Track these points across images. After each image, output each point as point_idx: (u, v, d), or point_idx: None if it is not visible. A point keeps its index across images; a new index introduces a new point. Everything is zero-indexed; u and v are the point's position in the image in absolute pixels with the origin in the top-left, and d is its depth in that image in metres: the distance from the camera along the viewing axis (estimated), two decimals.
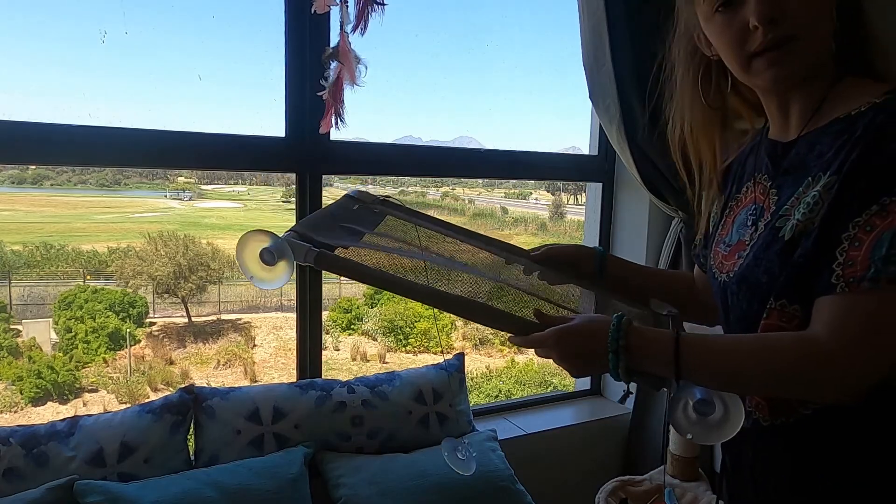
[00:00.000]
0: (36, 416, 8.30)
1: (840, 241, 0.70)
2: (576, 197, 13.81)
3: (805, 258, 0.73)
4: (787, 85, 0.79)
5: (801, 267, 0.74)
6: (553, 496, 1.91)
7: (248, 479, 1.40)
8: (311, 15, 1.48)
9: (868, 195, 0.68)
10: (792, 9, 0.73)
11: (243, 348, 10.42)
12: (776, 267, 0.77)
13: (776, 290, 0.77)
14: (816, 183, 0.75)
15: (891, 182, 0.67)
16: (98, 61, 18.58)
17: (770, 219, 0.81)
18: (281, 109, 1.60)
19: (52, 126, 1.37)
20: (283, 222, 15.42)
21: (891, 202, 0.67)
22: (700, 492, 1.75)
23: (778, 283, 0.76)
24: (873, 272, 0.66)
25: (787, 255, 0.76)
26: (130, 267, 11.22)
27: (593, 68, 1.81)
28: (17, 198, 15.52)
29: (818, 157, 0.76)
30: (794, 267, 0.74)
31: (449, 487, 1.54)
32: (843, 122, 0.75)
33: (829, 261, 0.70)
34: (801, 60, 0.76)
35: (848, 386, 0.68)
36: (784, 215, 0.78)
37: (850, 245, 0.69)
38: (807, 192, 0.76)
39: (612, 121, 1.83)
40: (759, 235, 0.82)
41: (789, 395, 0.74)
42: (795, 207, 0.77)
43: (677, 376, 0.72)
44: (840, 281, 0.69)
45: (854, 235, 0.69)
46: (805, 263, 0.73)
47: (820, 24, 0.75)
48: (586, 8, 1.77)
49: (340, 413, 1.58)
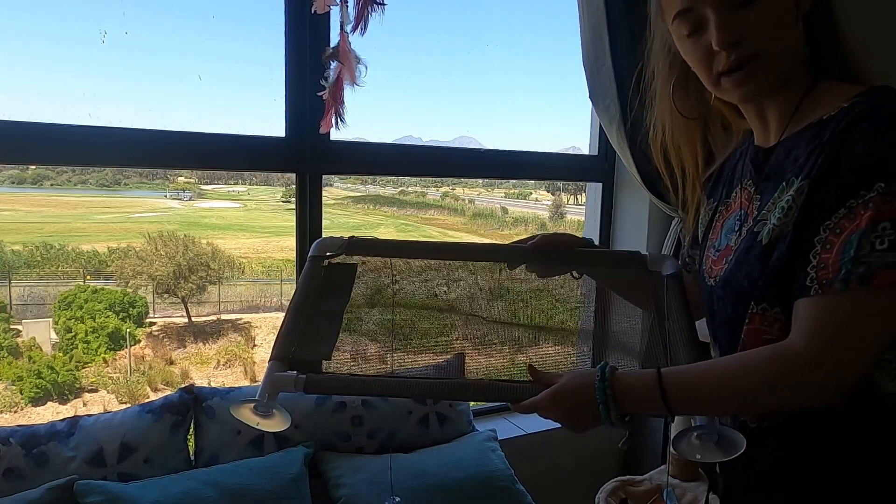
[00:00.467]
0: (36, 416, 8.30)
1: (813, 244, 0.72)
2: (576, 197, 13.80)
3: (781, 262, 0.75)
4: (757, 99, 0.82)
5: (778, 270, 0.75)
6: (553, 496, 1.91)
7: (248, 479, 1.40)
8: (311, 15, 1.48)
9: (836, 198, 0.70)
10: (751, 30, 0.75)
11: (243, 348, 10.42)
12: (756, 271, 0.79)
13: (757, 294, 0.78)
14: (790, 188, 0.77)
15: (856, 185, 0.69)
16: (98, 61, 18.58)
17: (751, 224, 0.83)
18: (281, 109, 1.60)
19: (52, 126, 1.37)
20: (283, 222, 15.42)
21: (858, 205, 0.68)
22: (700, 492, 1.76)
23: (758, 287, 0.78)
24: (844, 274, 0.68)
25: (765, 259, 0.77)
26: (130, 267, 11.22)
27: (593, 68, 1.81)
28: (17, 198, 15.52)
29: (793, 163, 0.78)
30: (772, 270, 0.76)
31: (449, 487, 1.54)
32: (816, 128, 0.76)
33: (804, 264, 0.72)
34: (767, 76, 0.78)
35: (828, 390, 0.70)
36: (762, 220, 0.80)
37: (822, 248, 0.71)
38: (781, 196, 0.78)
39: (612, 121, 1.83)
40: (741, 241, 0.84)
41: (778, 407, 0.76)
42: (772, 212, 0.79)
43: (671, 413, 0.75)
44: (814, 283, 0.71)
45: (825, 238, 0.71)
46: (781, 267, 0.75)
47: (782, 39, 0.76)
48: (586, 8, 1.77)
49: (340, 413, 1.58)
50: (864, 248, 0.67)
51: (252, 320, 11.33)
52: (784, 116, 0.82)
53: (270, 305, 12.00)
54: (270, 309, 11.85)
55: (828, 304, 0.70)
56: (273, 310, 11.76)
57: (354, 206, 19.13)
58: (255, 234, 15.09)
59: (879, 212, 0.67)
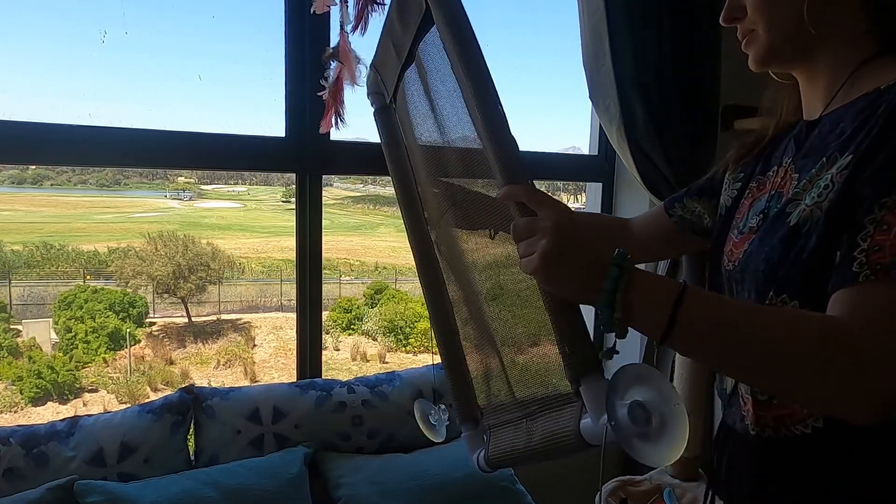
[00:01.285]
0: (36, 416, 8.31)
1: (863, 225, 0.61)
2: (576, 197, 13.80)
3: (813, 247, 0.66)
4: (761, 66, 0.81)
5: (808, 257, 0.66)
6: (553, 496, 1.91)
7: (248, 478, 1.40)
8: (311, 15, 1.48)
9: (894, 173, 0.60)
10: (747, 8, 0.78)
11: (243, 348, 10.43)
12: (776, 255, 0.70)
13: (777, 282, 0.69)
14: (832, 164, 0.68)
15: None
16: (98, 62, 18.58)
17: (782, 204, 0.75)
18: (281, 109, 1.60)
19: (52, 126, 1.37)
20: (283, 222, 15.43)
21: None
22: (700, 492, 1.76)
23: (778, 276, 0.69)
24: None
25: (791, 242, 0.69)
26: (130, 267, 11.23)
27: (593, 68, 1.81)
28: (17, 198, 15.53)
29: (839, 137, 0.70)
30: (798, 256, 0.67)
31: (449, 487, 1.54)
32: (869, 98, 0.69)
33: (850, 248, 0.61)
34: (762, 45, 0.78)
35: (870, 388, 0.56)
36: (795, 199, 0.72)
37: (875, 229, 0.60)
38: (821, 174, 0.69)
39: (612, 121, 1.83)
40: (768, 221, 0.76)
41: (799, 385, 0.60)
42: (807, 191, 0.70)
43: (670, 328, 0.60)
44: (864, 269, 0.59)
45: (881, 218, 0.60)
46: (812, 252, 0.66)
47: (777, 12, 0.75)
48: (586, 8, 1.77)
49: (340, 413, 1.58)
50: None
51: (252, 320, 11.35)
52: (831, 88, 0.75)
53: (270, 305, 12.01)
54: (270, 309, 11.85)
55: (885, 291, 0.58)
56: (273, 310, 11.76)
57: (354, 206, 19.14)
58: (255, 234, 15.11)
59: None
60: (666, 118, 1.79)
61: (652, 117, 1.78)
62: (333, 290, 12.52)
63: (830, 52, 0.75)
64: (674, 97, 1.79)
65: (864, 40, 0.73)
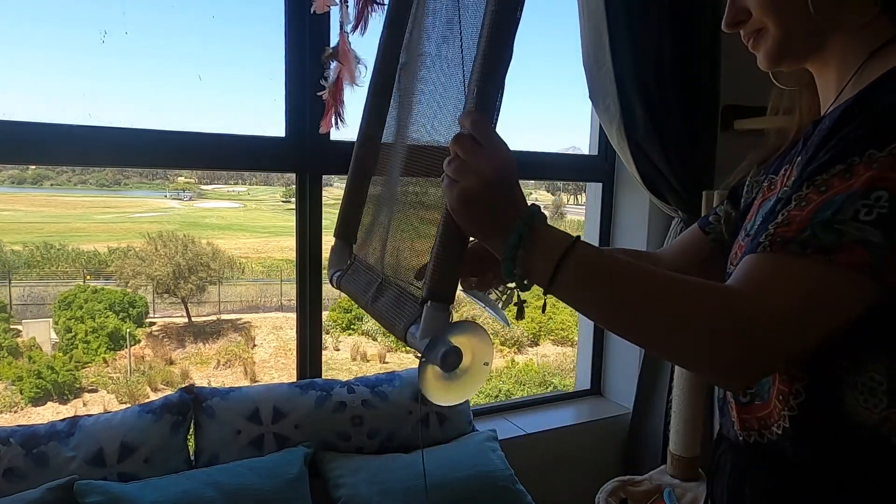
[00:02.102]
0: (36, 416, 8.31)
1: (790, 200, 0.60)
2: (576, 197, 13.82)
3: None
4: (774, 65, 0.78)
5: None
6: (553, 496, 1.91)
7: (248, 479, 1.40)
8: (311, 15, 1.48)
9: (837, 153, 0.59)
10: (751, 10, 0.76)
11: (243, 348, 10.43)
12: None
13: None
14: None
15: (866, 140, 0.57)
16: (98, 62, 18.60)
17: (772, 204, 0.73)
18: (281, 109, 1.60)
19: (52, 126, 1.37)
20: (283, 222, 15.42)
21: (860, 163, 0.56)
22: (700, 492, 1.76)
23: None
24: (807, 235, 0.56)
25: None
26: (130, 267, 11.23)
27: (593, 68, 1.82)
28: (17, 198, 15.54)
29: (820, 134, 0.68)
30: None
31: (448, 487, 1.54)
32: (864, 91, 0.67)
33: (770, 221, 0.61)
34: (773, 42, 0.76)
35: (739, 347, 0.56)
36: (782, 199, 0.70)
37: (796, 205, 0.59)
38: None
39: (612, 121, 1.83)
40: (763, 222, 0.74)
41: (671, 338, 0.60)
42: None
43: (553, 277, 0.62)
44: (766, 240, 0.59)
45: (805, 195, 0.59)
46: None
47: (782, 9, 0.74)
48: (586, 8, 1.77)
49: (340, 413, 1.58)
50: (845, 213, 0.55)
51: (252, 320, 11.34)
52: (842, 80, 0.74)
53: (270, 305, 12.00)
54: (270, 309, 11.85)
55: (776, 262, 0.58)
56: (273, 310, 11.75)
57: None
58: (255, 234, 15.10)
59: (882, 177, 0.54)
60: (666, 118, 1.80)
61: (652, 117, 1.78)
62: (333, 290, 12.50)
63: (840, 41, 0.73)
64: (674, 97, 1.79)
65: (877, 24, 0.70)
